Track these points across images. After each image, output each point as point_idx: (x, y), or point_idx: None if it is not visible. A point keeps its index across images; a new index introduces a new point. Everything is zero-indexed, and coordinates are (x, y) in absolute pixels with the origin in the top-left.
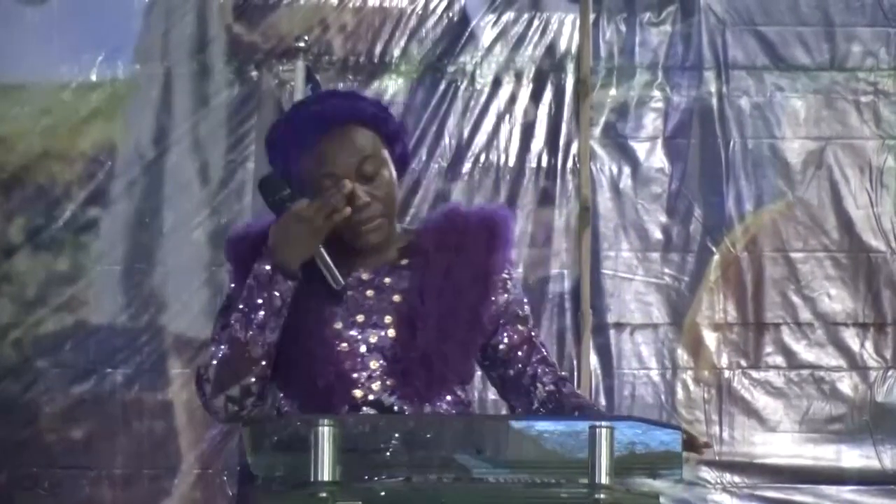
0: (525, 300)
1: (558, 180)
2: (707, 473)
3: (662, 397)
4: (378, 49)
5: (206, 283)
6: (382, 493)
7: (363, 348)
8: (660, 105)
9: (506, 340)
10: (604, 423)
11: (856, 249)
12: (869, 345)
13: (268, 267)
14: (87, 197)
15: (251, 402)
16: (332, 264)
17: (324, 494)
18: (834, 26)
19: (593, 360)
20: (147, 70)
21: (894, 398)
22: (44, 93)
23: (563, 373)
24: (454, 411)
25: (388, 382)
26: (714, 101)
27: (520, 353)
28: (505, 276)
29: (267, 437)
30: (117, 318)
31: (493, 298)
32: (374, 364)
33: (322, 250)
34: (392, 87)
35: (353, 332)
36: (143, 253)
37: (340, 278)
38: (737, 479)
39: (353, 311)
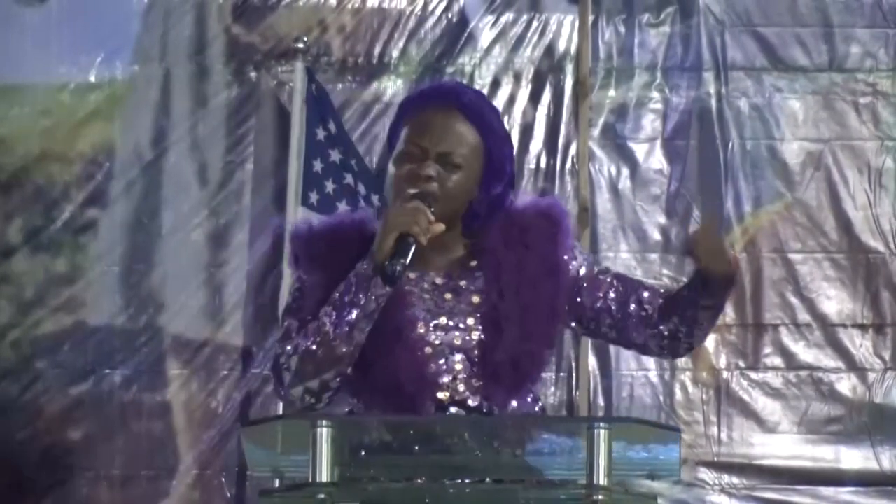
0: (593, 260)
1: (557, 181)
2: (705, 474)
3: (661, 398)
4: (377, 50)
5: (204, 284)
6: (381, 494)
7: (447, 350)
8: (659, 106)
9: (599, 296)
10: (602, 425)
11: (855, 250)
12: (868, 346)
13: (369, 268)
14: (85, 198)
15: (328, 396)
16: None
17: (322, 495)
18: (833, 27)
19: (592, 360)
20: (146, 71)
21: (893, 399)
22: (42, 94)
23: (652, 284)
24: (536, 408)
25: (473, 383)
26: (713, 102)
27: (613, 297)
28: (571, 247)
29: (266, 438)
30: (116, 318)
31: (567, 284)
32: (458, 366)
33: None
34: (391, 88)
35: (436, 335)
36: (142, 254)
37: (397, 268)
38: (735, 480)
39: (434, 313)
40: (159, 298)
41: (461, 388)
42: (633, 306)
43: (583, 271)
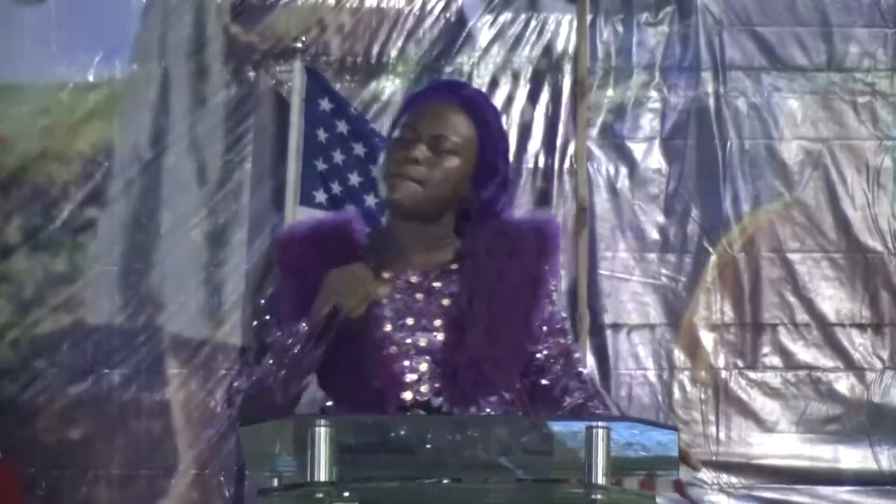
0: (565, 314)
1: (555, 181)
2: (704, 474)
3: (659, 398)
4: (375, 49)
5: (203, 284)
6: (380, 494)
7: (412, 351)
8: (657, 106)
9: (545, 351)
10: (601, 424)
11: (853, 250)
12: (866, 345)
13: (306, 326)
14: (84, 197)
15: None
16: (330, 327)
17: (320, 495)
18: (831, 27)
19: (590, 360)
20: (144, 70)
21: (891, 399)
22: (41, 93)
23: (596, 390)
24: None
25: (436, 385)
26: (711, 101)
27: (557, 366)
28: (552, 287)
29: (264, 437)
30: (115, 318)
31: (541, 306)
32: (423, 367)
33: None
34: (389, 88)
35: (402, 335)
36: (141, 253)
37: (317, 343)
38: (734, 479)
39: (402, 313)
40: (158, 298)
41: (424, 388)
42: (558, 390)
43: (554, 318)
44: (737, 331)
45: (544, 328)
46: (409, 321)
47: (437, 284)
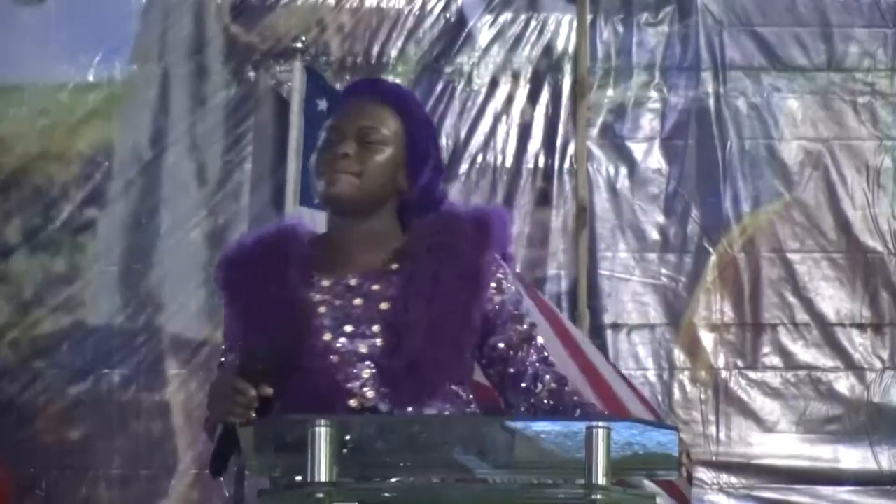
0: (522, 299)
1: (555, 181)
2: (704, 474)
3: (659, 398)
4: (375, 49)
5: (203, 284)
6: (380, 494)
7: (354, 358)
8: (657, 106)
9: (504, 340)
10: (601, 424)
11: (853, 250)
12: (866, 345)
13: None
14: (84, 197)
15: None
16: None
17: (321, 495)
18: (831, 27)
19: None
20: (144, 71)
21: (891, 399)
22: (41, 93)
23: (562, 373)
24: (467, 410)
25: (381, 390)
26: (711, 101)
27: (520, 353)
28: (500, 275)
29: (264, 437)
30: (115, 318)
31: (486, 297)
32: (366, 373)
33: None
34: None
35: (342, 342)
36: (141, 253)
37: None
38: (734, 479)
39: (341, 320)
40: (158, 298)
41: (370, 394)
42: (527, 378)
43: (506, 307)
44: (737, 331)
45: (498, 320)
46: (348, 328)
47: (375, 287)
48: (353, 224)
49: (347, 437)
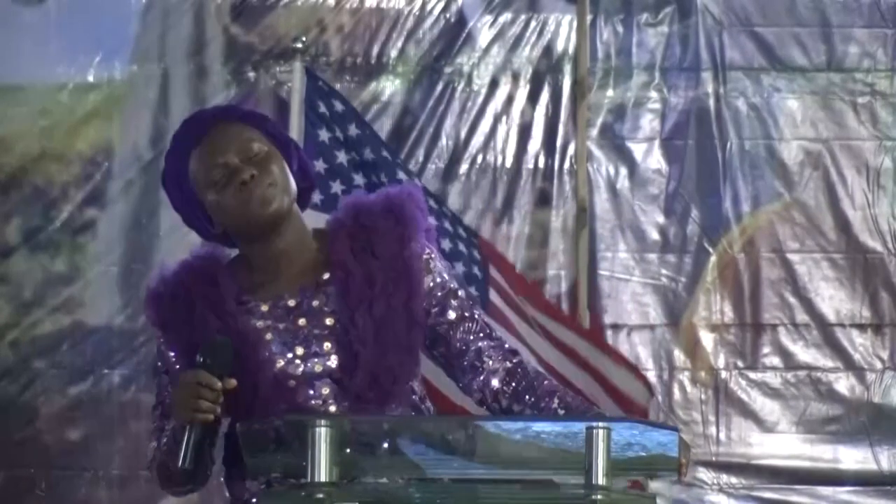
0: (450, 274)
1: (555, 181)
2: (704, 474)
3: (659, 398)
4: (375, 50)
5: None
6: (379, 494)
7: (311, 379)
8: (657, 106)
9: (442, 318)
10: (601, 424)
11: (853, 250)
12: (866, 346)
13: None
14: (84, 198)
15: (201, 482)
16: (189, 444)
17: (321, 495)
18: (831, 27)
19: None
20: (144, 71)
21: (891, 399)
22: (41, 94)
23: (509, 346)
24: (423, 408)
25: (344, 404)
26: (711, 102)
27: (460, 330)
28: (426, 257)
29: (264, 438)
30: (114, 318)
31: (417, 289)
32: (325, 390)
33: (190, 429)
34: (389, 88)
35: (295, 366)
36: (141, 254)
37: (186, 461)
38: (734, 479)
39: (290, 344)
40: None
41: (333, 409)
42: (471, 354)
43: (436, 287)
44: (737, 331)
45: (433, 301)
46: (300, 350)
47: (315, 303)
48: (271, 241)
49: (348, 438)
